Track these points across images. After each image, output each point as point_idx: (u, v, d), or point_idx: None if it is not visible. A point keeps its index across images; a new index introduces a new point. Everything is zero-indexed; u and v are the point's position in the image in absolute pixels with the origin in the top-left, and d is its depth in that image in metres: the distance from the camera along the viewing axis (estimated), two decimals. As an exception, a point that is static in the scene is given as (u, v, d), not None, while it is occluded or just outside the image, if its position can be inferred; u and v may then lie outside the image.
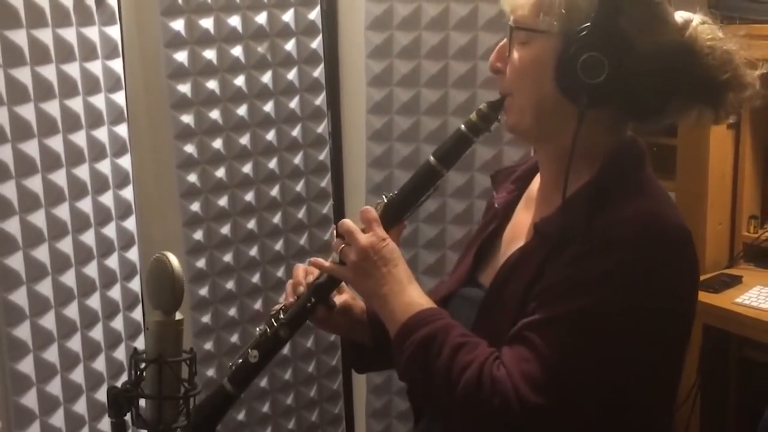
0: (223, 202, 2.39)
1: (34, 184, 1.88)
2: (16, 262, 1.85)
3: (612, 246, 1.24)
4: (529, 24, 1.31)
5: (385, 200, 1.45)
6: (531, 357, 1.23)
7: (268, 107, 2.42)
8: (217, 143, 2.35)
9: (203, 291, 2.40)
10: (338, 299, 1.57)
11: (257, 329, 1.57)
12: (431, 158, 1.43)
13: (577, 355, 1.23)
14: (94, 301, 2.08)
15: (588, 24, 1.25)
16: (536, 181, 1.47)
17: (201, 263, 2.38)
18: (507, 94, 1.37)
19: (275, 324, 1.51)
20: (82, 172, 2.02)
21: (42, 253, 1.91)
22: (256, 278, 2.49)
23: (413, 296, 1.37)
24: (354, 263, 1.39)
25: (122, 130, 2.14)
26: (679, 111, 1.34)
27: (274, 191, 2.48)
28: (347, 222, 1.42)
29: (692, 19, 1.33)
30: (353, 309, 1.60)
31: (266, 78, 2.40)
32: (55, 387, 1.96)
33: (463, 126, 1.42)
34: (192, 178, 2.32)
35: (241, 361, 1.54)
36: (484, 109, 1.40)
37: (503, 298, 1.35)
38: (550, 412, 1.22)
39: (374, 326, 1.57)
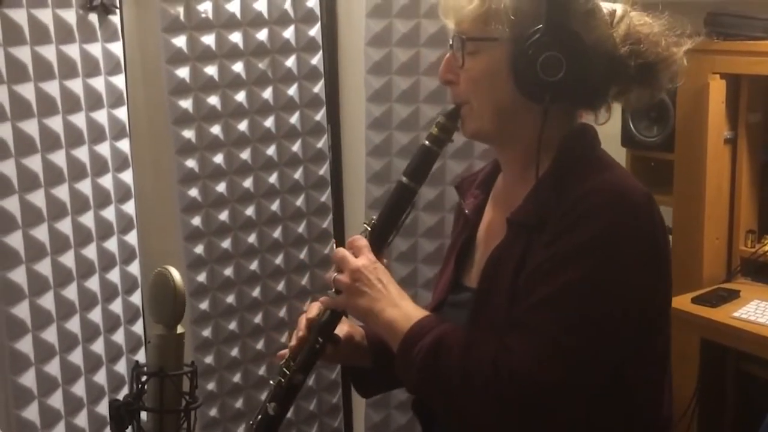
0: (223, 216, 2.40)
1: (37, 198, 1.90)
2: (18, 276, 1.86)
3: (583, 218, 1.30)
4: (478, 34, 1.38)
5: (369, 228, 1.49)
6: (536, 339, 1.29)
7: (269, 122, 2.44)
8: (218, 158, 2.36)
9: (204, 305, 2.41)
10: (339, 331, 1.58)
11: (271, 381, 1.57)
12: (403, 178, 1.49)
13: (576, 328, 1.29)
14: (96, 315, 2.09)
15: (540, 26, 1.33)
16: (499, 182, 1.54)
17: (202, 277, 2.39)
18: (462, 103, 1.44)
19: (288, 373, 1.52)
20: (85, 186, 2.04)
21: (44, 267, 1.93)
22: (256, 292, 2.50)
23: (409, 309, 1.40)
24: (348, 285, 1.42)
25: (124, 145, 2.16)
26: (619, 94, 1.44)
27: (275, 206, 2.49)
28: (340, 249, 1.46)
29: (616, 9, 1.42)
30: (354, 337, 1.63)
31: (267, 94, 2.42)
32: (56, 400, 1.97)
33: (426, 141, 1.48)
34: (193, 192, 2.34)
35: (260, 417, 1.54)
36: (441, 120, 1.46)
37: (492, 294, 1.39)
38: (564, 387, 1.28)
39: (374, 348, 1.61)
